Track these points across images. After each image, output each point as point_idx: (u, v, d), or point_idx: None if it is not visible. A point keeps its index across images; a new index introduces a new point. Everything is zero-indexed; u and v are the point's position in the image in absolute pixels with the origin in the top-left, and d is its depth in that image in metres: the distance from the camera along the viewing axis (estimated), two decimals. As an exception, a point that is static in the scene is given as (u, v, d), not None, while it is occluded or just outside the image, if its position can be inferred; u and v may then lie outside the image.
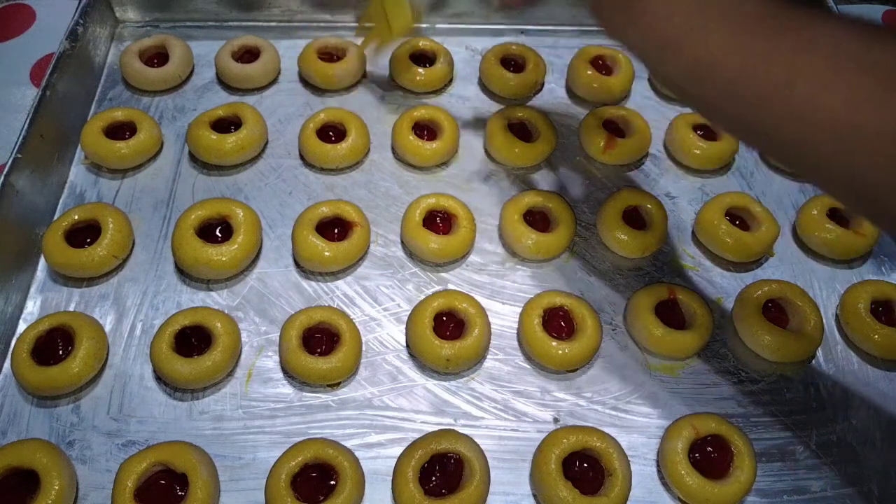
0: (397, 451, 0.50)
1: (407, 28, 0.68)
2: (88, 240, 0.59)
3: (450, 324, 0.56)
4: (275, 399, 0.54)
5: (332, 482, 0.48)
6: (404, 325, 0.58)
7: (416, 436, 0.51)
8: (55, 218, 0.62)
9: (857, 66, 0.32)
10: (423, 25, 0.80)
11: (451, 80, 0.76)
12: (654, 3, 0.39)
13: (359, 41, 0.74)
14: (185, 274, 0.60)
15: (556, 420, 0.54)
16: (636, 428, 0.54)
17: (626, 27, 0.42)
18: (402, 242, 0.63)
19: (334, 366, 0.53)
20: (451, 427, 0.53)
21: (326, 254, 0.58)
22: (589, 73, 0.74)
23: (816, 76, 0.33)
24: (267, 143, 0.69)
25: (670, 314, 0.58)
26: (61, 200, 0.64)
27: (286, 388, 0.55)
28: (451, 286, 0.60)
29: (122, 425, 0.52)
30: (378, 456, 0.52)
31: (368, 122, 0.69)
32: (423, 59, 0.75)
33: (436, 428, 0.52)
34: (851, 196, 0.37)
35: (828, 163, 0.35)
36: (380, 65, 0.75)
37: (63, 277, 0.59)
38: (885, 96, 0.31)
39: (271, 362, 0.56)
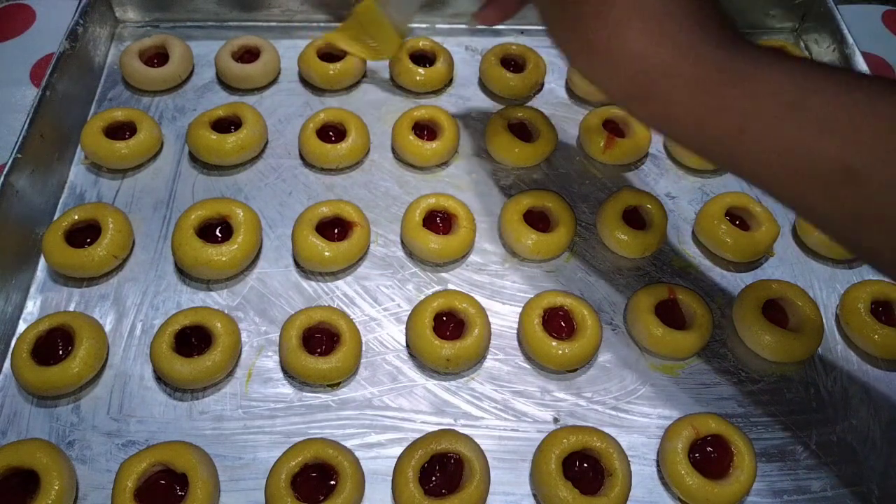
0: (397, 451, 0.51)
1: (396, 49, 0.69)
2: (88, 240, 0.59)
3: (450, 324, 0.57)
4: (275, 399, 0.54)
5: (332, 482, 0.48)
6: (404, 325, 0.58)
7: (416, 436, 0.51)
8: (55, 218, 0.62)
9: (796, 111, 0.36)
10: (423, 25, 0.80)
11: (451, 80, 0.76)
12: (630, 39, 0.41)
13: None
14: (185, 274, 0.60)
15: (556, 420, 0.54)
16: (636, 428, 0.54)
17: (593, 67, 0.44)
18: (402, 242, 0.63)
19: (334, 366, 0.53)
20: (451, 427, 0.53)
21: (326, 254, 0.58)
22: (589, 73, 0.74)
23: (765, 125, 0.37)
24: (267, 143, 0.69)
25: (670, 314, 0.58)
26: (61, 200, 0.64)
27: (286, 388, 0.55)
28: (451, 286, 0.60)
29: (122, 425, 0.52)
30: (378, 456, 0.52)
31: (368, 122, 0.69)
32: (423, 59, 0.75)
33: (436, 428, 0.52)
34: (808, 219, 0.41)
35: (778, 196, 0.40)
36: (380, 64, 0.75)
37: (63, 277, 0.59)
38: (821, 142, 0.35)
39: (271, 362, 0.56)
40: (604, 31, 0.41)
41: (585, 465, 0.50)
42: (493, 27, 0.80)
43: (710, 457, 0.51)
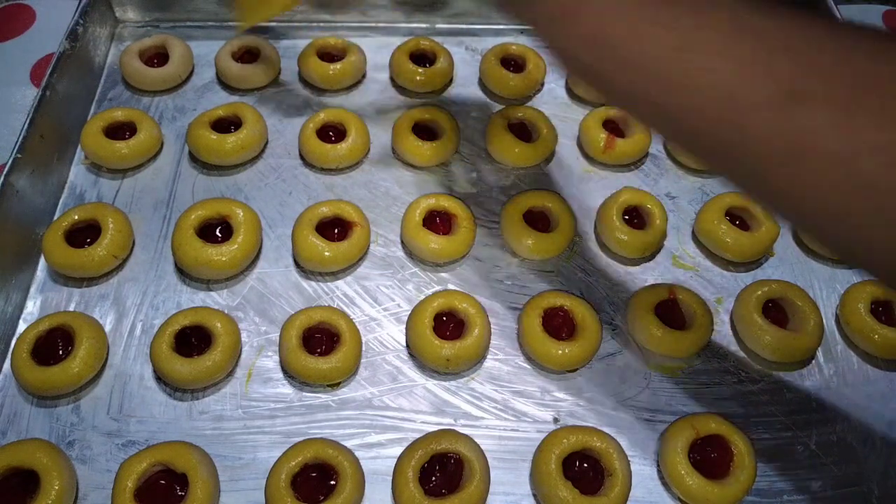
0: (397, 451, 0.51)
1: (282, 9, 0.67)
2: (88, 240, 0.59)
3: (450, 324, 0.56)
4: (275, 399, 0.54)
5: (332, 482, 0.48)
6: (404, 325, 0.58)
7: (416, 436, 0.51)
8: (55, 218, 0.62)
9: (744, 31, 0.33)
10: (423, 25, 0.80)
11: (451, 80, 0.76)
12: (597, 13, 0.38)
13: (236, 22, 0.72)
14: (185, 274, 0.60)
15: (556, 420, 0.54)
16: (636, 428, 0.54)
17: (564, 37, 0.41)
18: (402, 242, 0.63)
19: (334, 366, 0.53)
20: (451, 427, 0.53)
21: (326, 254, 0.58)
22: (589, 73, 0.74)
23: (707, 42, 0.34)
24: (267, 143, 0.69)
25: (670, 314, 0.58)
26: (61, 200, 0.64)
27: (286, 388, 0.55)
28: (451, 286, 0.60)
29: (122, 425, 0.52)
30: (378, 456, 0.52)
31: (368, 122, 0.69)
32: (423, 59, 0.75)
33: (436, 428, 0.52)
34: (737, 171, 0.37)
35: (712, 130, 0.35)
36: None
37: (63, 277, 0.59)
38: (771, 62, 0.32)
39: (271, 362, 0.56)
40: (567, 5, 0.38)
41: (585, 465, 0.50)
42: (493, 27, 0.80)
43: (710, 457, 0.51)
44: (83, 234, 0.59)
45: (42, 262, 0.60)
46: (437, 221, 0.62)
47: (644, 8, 0.36)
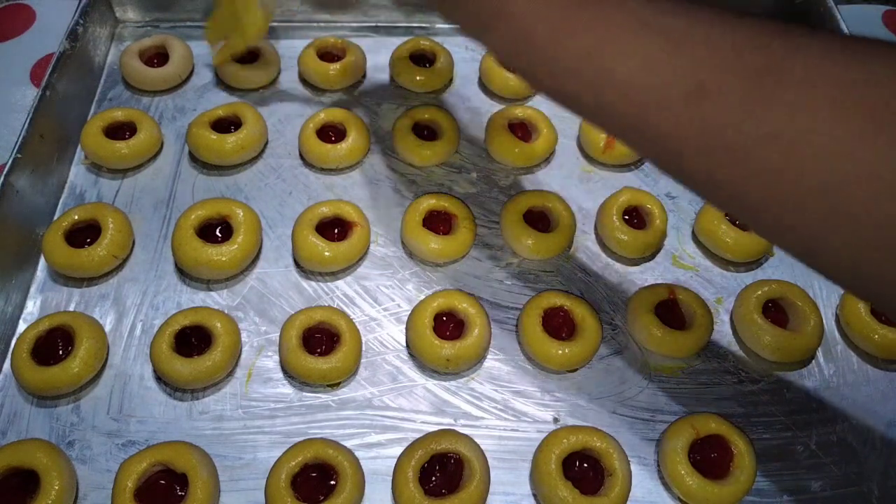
0: (397, 451, 0.51)
1: (261, 33, 0.67)
2: (88, 240, 0.59)
3: (450, 324, 0.57)
4: (275, 399, 0.54)
5: (332, 482, 0.48)
6: (404, 325, 0.58)
7: (416, 436, 0.51)
8: (55, 218, 0.62)
9: (650, 31, 0.34)
10: (424, 25, 0.80)
11: (451, 80, 0.76)
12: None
13: (210, 49, 0.72)
14: (185, 274, 0.60)
15: (556, 420, 0.54)
16: (636, 428, 0.54)
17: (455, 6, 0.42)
18: (402, 242, 0.63)
19: (334, 366, 0.53)
20: (451, 427, 0.53)
21: (326, 254, 0.58)
22: (589, 73, 0.74)
23: (617, 43, 0.35)
24: (267, 143, 0.69)
25: (670, 314, 0.58)
26: (61, 200, 0.64)
27: (286, 388, 0.55)
28: (450, 286, 0.60)
29: (122, 425, 0.52)
30: (378, 456, 0.52)
31: (369, 122, 0.69)
32: (423, 59, 0.75)
33: (436, 428, 0.52)
34: (665, 165, 0.38)
35: (631, 127, 0.37)
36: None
37: (63, 277, 0.59)
38: (673, 60, 0.33)
39: (271, 362, 0.56)
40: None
41: (585, 465, 0.50)
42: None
43: (710, 457, 0.51)
44: (83, 234, 0.59)
45: (42, 262, 0.60)
46: (437, 221, 0.62)
47: (564, 9, 0.37)
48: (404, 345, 0.57)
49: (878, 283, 0.32)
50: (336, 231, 0.61)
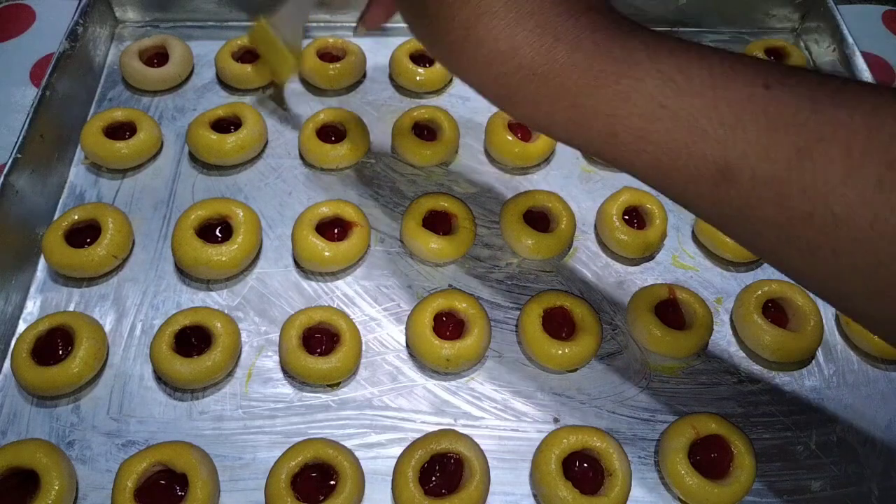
0: (397, 451, 0.51)
1: (294, 69, 0.68)
2: (88, 240, 0.58)
3: (450, 324, 0.56)
4: (275, 399, 0.54)
5: (332, 482, 0.48)
6: (404, 325, 0.58)
7: (416, 436, 0.51)
8: (55, 218, 0.62)
9: (668, 113, 0.34)
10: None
11: (451, 80, 0.76)
12: (486, 39, 0.37)
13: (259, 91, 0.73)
14: (185, 274, 0.60)
15: (556, 420, 0.54)
16: (636, 428, 0.54)
17: (458, 70, 0.41)
18: (402, 242, 0.63)
19: (334, 366, 0.53)
20: (451, 427, 0.53)
21: (326, 254, 0.58)
22: (589, 73, 0.73)
23: (633, 127, 0.35)
24: (267, 143, 0.69)
25: (670, 314, 0.58)
26: (61, 200, 0.64)
27: (286, 388, 0.55)
28: (451, 286, 0.60)
29: (122, 425, 0.52)
30: (378, 456, 0.52)
31: (368, 122, 0.69)
32: (423, 59, 0.75)
33: (436, 428, 0.52)
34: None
35: (673, 198, 0.37)
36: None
37: (63, 277, 0.59)
38: (692, 142, 0.33)
39: (271, 362, 0.56)
40: (458, 31, 0.37)
41: (585, 465, 0.50)
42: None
43: (710, 457, 0.51)
44: (83, 234, 0.59)
45: (42, 262, 0.60)
46: (437, 221, 0.62)
47: (575, 96, 0.36)
48: (404, 345, 0.57)
49: None
50: (336, 231, 0.61)
